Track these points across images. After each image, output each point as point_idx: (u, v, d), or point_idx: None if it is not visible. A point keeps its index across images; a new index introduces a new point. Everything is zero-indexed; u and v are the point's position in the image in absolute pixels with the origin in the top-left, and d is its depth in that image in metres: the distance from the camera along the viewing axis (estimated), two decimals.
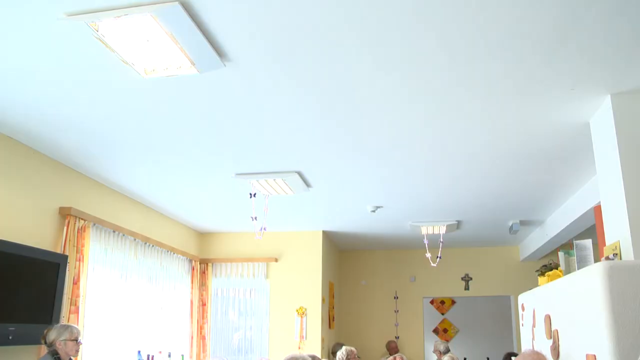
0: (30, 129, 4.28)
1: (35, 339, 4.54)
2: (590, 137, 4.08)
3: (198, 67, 3.17)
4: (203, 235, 8.35)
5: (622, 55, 3.11)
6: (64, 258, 4.84)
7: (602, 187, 3.84)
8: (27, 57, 3.18)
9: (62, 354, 4.34)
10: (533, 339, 4.72)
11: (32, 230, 4.66)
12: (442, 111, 3.91)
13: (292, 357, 4.75)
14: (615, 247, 3.54)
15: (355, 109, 3.88)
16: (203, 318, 7.87)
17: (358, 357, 6.87)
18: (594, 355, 3.05)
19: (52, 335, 4.39)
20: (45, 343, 4.39)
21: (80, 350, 4.48)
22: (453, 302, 11.92)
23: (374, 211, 6.68)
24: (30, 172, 4.70)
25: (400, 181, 5.60)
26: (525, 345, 4.84)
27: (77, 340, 4.46)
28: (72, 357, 4.46)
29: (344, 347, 6.89)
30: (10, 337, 4.20)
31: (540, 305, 4.47)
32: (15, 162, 4.53)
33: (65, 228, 4.99)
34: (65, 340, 4.37)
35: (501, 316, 10.59)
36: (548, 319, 4.13)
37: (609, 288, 2.89)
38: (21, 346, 4.45)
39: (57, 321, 4.69)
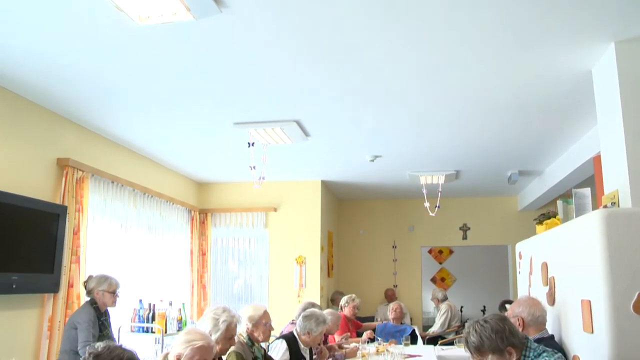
0: (25, 80, 4.22)
1: (38, 288, 4.62)
2: (591, 86, 4.02)
3: (194, 13, 3.10)
4: (202, 186, 8.36)
5: (628, 0, 3.04)
6: (64, 209, 4.86)
7: (603, 136, 3.82)
8: (20, 7, 3.10)
9: (100, 303, 4.52)
10: (529, 286, 4.79)
11: (30, 181, 4.66)
12: (439, 60, 3.85)
13: (311, 312, 4.79)
14: (614, 196, 3.55)
15: (351, 58, 3.82)
16: (203, 267, 7.97)
17: (357, 308, 7.01)
18: (589, 301, 3.09)
19: (91, 283, 4.58)
20: (86, 290, 4.58)
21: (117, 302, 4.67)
22: (451, 251, 12.09)
23: (372, 160, 6.67)
24: (27, 124, 4.66)
25: (398, 130, 5.57)
26: (522, 293, 4.91)
27: (114, 293, 4.59)
28: (108, 308, 4.64)
29: (346, 295, 7.03)
30: (13, 286, 4.26)
31: (537, 253, 4.52)
32: (12, 114, 4.49)
33: (63, 179, 4.99)
34: (103, 291, 4.53)
35: (498, 265, 10.75)
36: (545, 266, 4.17)
37: (606, 235, 2.91)
38: (25, 295, 4.51)
39: (59, 271, 4.75)
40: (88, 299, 4.56)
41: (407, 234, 9.90)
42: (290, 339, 4.61)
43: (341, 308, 6.98)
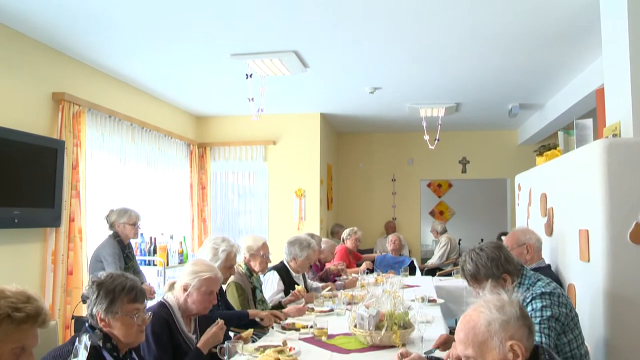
0: (19, 13, 4.10)
1: (40, 222, 4.66)
2: (596, 14, 3.91)
3: None
4: (200, 119, 8.30)
5: None
6: (61, 143, 4.83)
7: (607, 66, 3.74)
8: None
9: (122, 236, 4.63)
10: (528, 217, 4.83)
11: (26, 117, 4.60)
12: None
13: (295, 238, 4.87)
14: (616, 127, 3.51)
15: None
16: (203, 201, 8.01)
17: (359, 241, 7.10)
18: (587, 230, 3.12)
19: (112, 217, 4.68)
20: (108, 223, 4.69)
21: (138, 233, 4.81)
22: (450, 185, 12.15)
23: (372, 92, 6.59)
24: (21, 58, 4.57)
25: (397, 62, 5.46)
26: (520, 225, 4.96)
27: (135, 225, 4.68)
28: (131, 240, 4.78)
29: (348, 228, 7.12)
30: (15, 221, 4.30)
31: (536, 185, 4.53)
32: (6, 48, 4.39)
33: (59, 114, 4.93)
34: (124, 223, 4.62)
35: (496, 199, 10.83)
36: (544, 197, 4.19)
37: (607, 164, 2.90)
38: (27, 229, 4.55)
39: (60, 205, 4.77)
40: (111, 232, 4.69)
41: (407, 167, 9.91)
42: (281, 269, 4.69)
43: (343, 240, 7.08)
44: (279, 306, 4.25)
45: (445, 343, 2.86)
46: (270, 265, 4.47)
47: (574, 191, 3.42)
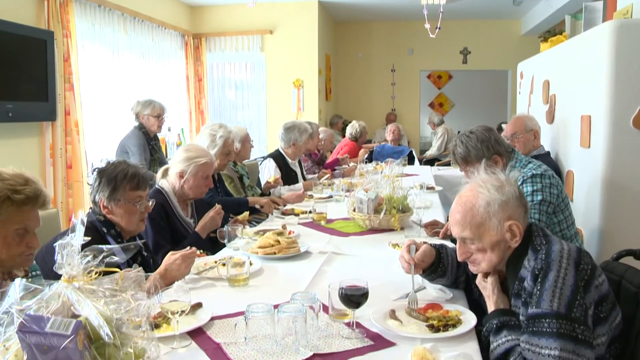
0: None
1: (35, 116, 4.60)
2: None
3: None
4: (194, 9, 7.99)
5: None
6: (50, 34, 4.67)
7: None
8: None
9: (147, 127, 4.58)
10: (529, 105, 4.77)
11: (10, 6, 4.40)
12: None
13: (292, 123, 4.83)
14: (627, 11, 3.38)
15: None
16: (200, 93, 7.90)
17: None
18: (589, 116, 3.08)
19: (136, 108, 4.69)
20: (133, 114, 4.71)
21: (163, 126, 4.83)
22: (450, 76, 11.95)
23: None
24: None
25: None
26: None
27: (159, 117, 4.64)
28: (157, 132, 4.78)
29: (356, 123, 6.98)
30: (10, 114, 4.24)
31: (539, 72, 4.43)
32: None
33: (45, 2, 4.73)
34: (148, 115, 4.59)
35: (497, 91, 10.70)
36: (546, 84, 4.11)
37: (615, 47, 2.80)
38: (22, 123, 4.50)
39: (54, 99, 4.69)
40: (136, 123, 4.69)
41: (407, 58, 9.69)
42: (277, 156, 4.69)
43: (355, 138, 6.94)
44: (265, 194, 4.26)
45: (435, 225, 2.90)
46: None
47: (578, 76, 3.34)
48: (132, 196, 2.25)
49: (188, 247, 2.15)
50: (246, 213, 3.13)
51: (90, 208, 2.31)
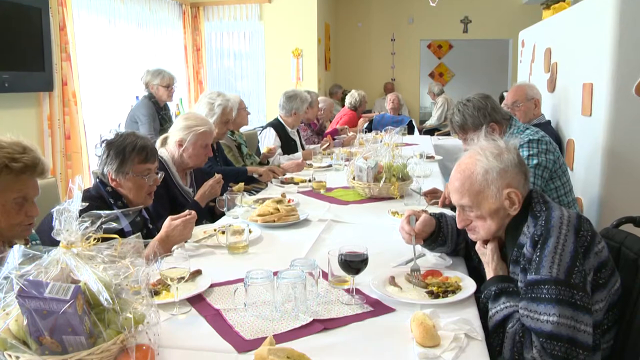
0: None
1: (31, 87, 4.55)
2: None
3: None
4: None
5: None
6: (45, 2, 4.59)
7: None
8: None
9: (157, 97, 4.56)
10: (530, 74, 4.74)
11: None
12: None
13: (294, 92, 4.80)
14: None
15: None
16: (198, 63, 7.81)
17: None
18: (591, 84, 3.05)
19: (146, 77, 4.65)
20: (143, 84, 4.70)
21: (172, 95, 4.79)
22: (450, 46, 11.82)
23: None
24: None
25: None
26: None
27: (168, 87, 4.61)
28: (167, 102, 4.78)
29: (356, 92, 6.93)
30: (6, 85, 4.19)
31: (541, 40, 4.39)
32: None
33: None
34: (157, 84, 4.56)
35: (498, 60, 10.59)
36: (548, 52, 4.07)
37: (619, 12, 2.75)
38: (19, 93, 4.45)
39: (50, 69, 4.63)
40: (146, 93, 4.67)
41: (407, 27, 9.59)
42: (277, 125, 4.67)
43: (354, 107, 6.90)
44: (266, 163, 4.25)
45: (434, 193, 2.91)
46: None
47: (580, 44, 3.30)
48: (140, 169, 2.23)
49: (187, 211, 2.14)
50: (241, 184, 3.13)
51: (98, 178, 2.28)
